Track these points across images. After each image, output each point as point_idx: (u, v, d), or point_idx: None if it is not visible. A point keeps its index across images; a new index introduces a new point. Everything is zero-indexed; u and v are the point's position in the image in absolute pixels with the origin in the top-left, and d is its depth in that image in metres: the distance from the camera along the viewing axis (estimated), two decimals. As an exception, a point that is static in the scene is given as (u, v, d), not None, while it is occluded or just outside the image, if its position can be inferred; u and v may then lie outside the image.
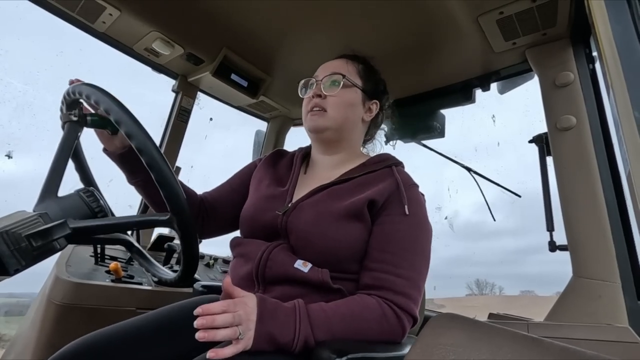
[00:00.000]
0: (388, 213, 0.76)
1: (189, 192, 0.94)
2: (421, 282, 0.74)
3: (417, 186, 0.83)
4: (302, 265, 0.72)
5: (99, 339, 0.72)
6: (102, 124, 0.75)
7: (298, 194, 0.84)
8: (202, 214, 0.95)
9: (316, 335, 0.63)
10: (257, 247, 0.78)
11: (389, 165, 0.86)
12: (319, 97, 0.87)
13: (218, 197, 0.98)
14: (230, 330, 0.56)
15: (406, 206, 0.75)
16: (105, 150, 0.84)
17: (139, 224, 0.65)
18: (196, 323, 0.55)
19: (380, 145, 1.02)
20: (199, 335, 0.54)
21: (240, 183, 0.99)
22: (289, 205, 0.80)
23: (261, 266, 0.74)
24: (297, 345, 0.61)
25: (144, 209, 1.53)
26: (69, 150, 0.66)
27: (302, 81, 0.94)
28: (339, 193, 0.80)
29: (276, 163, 0.97)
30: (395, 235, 0.74)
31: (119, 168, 0.86)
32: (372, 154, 0.98)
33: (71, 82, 0.72)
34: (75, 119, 0.68)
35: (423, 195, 0.84)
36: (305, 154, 0.97)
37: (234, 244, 0.87)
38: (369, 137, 0.99)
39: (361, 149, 0.98)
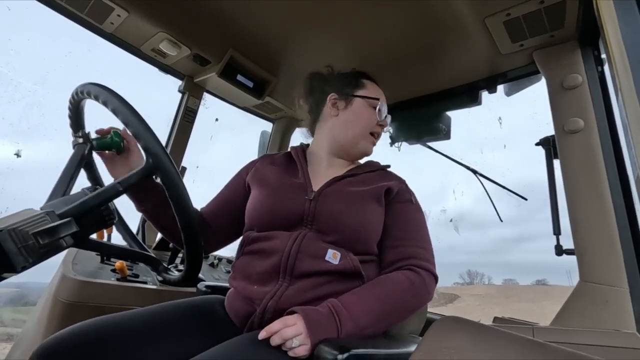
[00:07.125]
0: (401, 201, 0.90)
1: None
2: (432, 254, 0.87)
3: None
4: (332, 258, 0.77)
5: (92, 327, 0.69)
6: (107, 146, 0.82)
7: (316, 184, 0.89)
8: (203, 230, 0.94)
9: (359, 321, 0.68)
10: (282, 240, 0.79)
11: (382, 167, 1.00)
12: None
13: (215, 211, 0.98)
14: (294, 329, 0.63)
15: (412, 197, 0.92)
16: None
17: (126, 186, 0.66)
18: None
19: None
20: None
21: (233, 192, 0.99)
22: (315, 191, 0.86)
23: (290, 259, 0.76)
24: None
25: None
26: (76, 165, 0.71)
27: (380, 104, 0.99)
28: (355, 183, 0.90)
29: (273, 163, 1.00)
30: (411, 218, 0.88)
31: (128, 197, 0.87)
32: None
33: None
34: (81, 141, 0.76)
35: None
36: (303, 152, 1.02)
37: (249, 240, 0.85)
38: None
39: None
